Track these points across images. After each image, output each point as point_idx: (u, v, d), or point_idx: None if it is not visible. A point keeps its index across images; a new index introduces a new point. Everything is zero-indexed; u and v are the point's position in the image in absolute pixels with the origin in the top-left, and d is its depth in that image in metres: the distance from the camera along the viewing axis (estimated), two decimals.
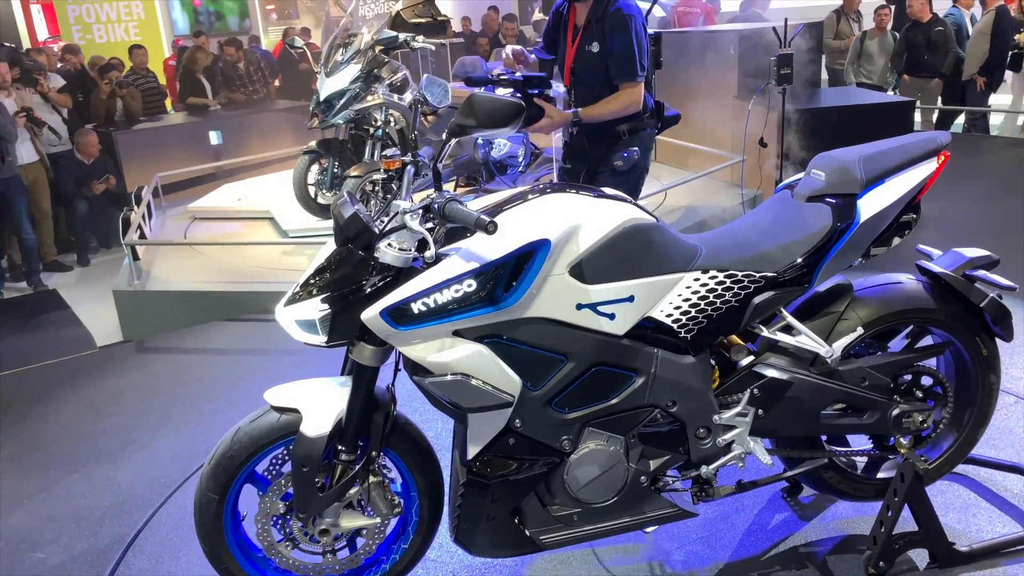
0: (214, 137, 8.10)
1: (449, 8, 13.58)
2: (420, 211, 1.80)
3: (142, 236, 5.55)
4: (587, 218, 1.89)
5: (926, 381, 2.29)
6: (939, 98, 8.73)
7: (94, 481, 3.07)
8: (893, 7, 9.19)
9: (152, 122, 8.13)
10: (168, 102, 9.66)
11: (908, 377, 2.26)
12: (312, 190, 5.72)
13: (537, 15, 6.58)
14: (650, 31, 3.27)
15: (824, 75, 8.89)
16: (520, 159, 6.31)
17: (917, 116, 8.82)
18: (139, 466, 3.15)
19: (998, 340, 2.29)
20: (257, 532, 2.09)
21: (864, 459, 2.43)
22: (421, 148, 5.24)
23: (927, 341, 2.35)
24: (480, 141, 5.72)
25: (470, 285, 1.79)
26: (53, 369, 4.38)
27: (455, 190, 6.34)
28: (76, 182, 7.16)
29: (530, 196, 1.93)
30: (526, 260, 1.81)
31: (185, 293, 4.94)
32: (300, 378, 2.10)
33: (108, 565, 2.55)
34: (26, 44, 14.49)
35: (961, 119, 8.75)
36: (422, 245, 1.85)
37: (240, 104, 9.05)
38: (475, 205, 2.02)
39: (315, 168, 5.71)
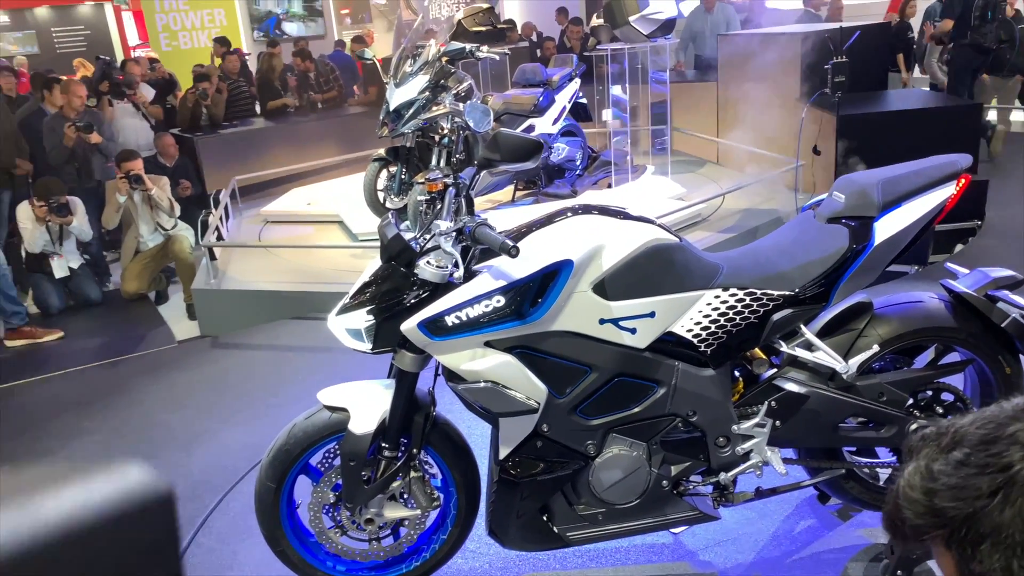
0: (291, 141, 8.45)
1: (516, 11, 13.76)
2: (454, 233, 1.98)
3: (219, 237, 5.90)
4: (610, 239, 2.03)
5: (947, 397, 2.34)
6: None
7: (170, 467, 3.37)
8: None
9: (232, 127, 8.54)
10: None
11: (929, 393, 2.32)
12: (381, 195, 5.98)
13: (595, 20, 6.66)
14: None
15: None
16: (578, 162, 6.45)
17: (992, 115, 8.56)
18: (210, 454, 3.43)
19: None
20: (310, 519, 2.31)
21: (887, 471, 2.50)
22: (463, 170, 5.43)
23: (953, 358, 2.41)
24: None
25: (499, 301, 1.96)
26: (137, 362, 4.75)
27: (515, 193, 6.52)
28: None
29: (558, 218, 2.08)
30: (551, 278, 1.96)
31: (258, 292, 5.25)
32: (357, 376, 2.30)
33: (181, 544, 2.81)
34: (118, 49, 15.37)
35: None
36: (458, 264, 2.02)
37: (312, 110, 9.40)
38: (514, 221, 2.18)
39: (384, 174, 5.96)
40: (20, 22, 15.29)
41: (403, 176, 5.80)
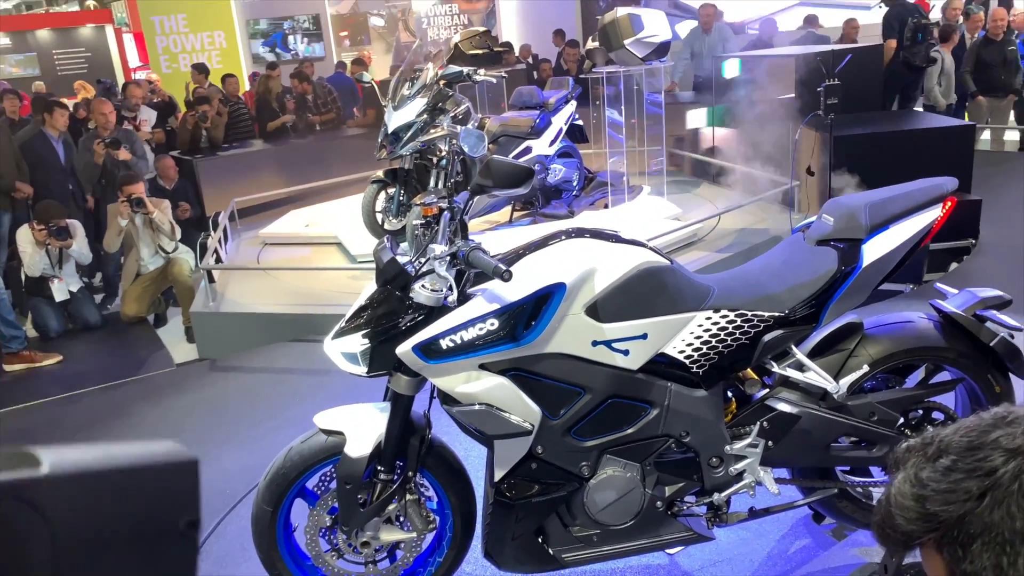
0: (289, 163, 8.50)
1: (512, 33, 13.89)
2: (448, 258, 2.01)
3: (218, 260, 5.93)
4: (602, 262, 2.06)
5: (938, 416, 2.36)
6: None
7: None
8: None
9: (231, 149, 8.59)
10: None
11: (920, 412, 2.34)
12: (379, 217, 6.02)
13: (591, 43, 6.75)
14: None
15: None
16: (574, 183, 6.50)
17: (986, 135, 8.62)
18: (208, 477, 3.40)
19: (1014, 377, 2.35)
20: (307, 542, 2.32)
21: (880, 489, 2.51)
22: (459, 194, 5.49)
23: (943, 377, 2.43)
24: (536, 167, 5.93)
25: (493, 324, 1.99)
26: (137, 385, 4.76)
27: (512, 214, 6.57)
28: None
29: (551, 241, 2.12)
30: (544, 301, 1.99)
31: (256, 315, 5.26)
32: (354, 399, 2.32)
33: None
34: (118, 70, 15.45)
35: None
36: (452, 287, 2.05)
37: (311, 132, 9.46)
38: (508, 244, 2.21)
39: (382, 196, 6.01)
40: (21, 44, 15.39)
41: (401, 198, 5.85)
